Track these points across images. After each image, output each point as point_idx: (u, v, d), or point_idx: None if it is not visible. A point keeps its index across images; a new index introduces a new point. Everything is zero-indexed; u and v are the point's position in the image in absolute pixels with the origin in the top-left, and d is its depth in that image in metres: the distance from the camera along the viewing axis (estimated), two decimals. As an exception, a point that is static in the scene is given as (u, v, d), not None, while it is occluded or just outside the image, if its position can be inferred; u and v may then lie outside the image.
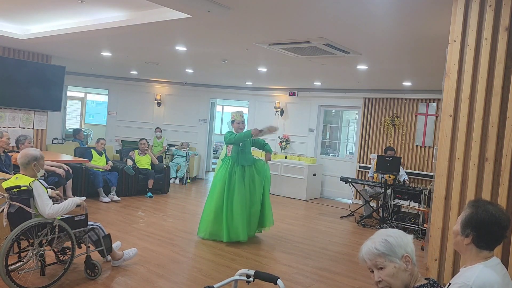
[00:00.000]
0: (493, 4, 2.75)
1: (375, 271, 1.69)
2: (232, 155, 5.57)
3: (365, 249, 1.70)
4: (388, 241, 1.67)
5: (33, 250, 3.46)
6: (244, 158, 5.52)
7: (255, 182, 5.52)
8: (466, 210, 1.84)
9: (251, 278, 1.99)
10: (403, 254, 1.66)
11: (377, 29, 4.23)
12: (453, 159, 2.89)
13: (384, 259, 1.66)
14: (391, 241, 1.67)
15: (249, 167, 5.55)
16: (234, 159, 5.52)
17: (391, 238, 1.67)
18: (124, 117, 11.11)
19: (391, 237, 1.68)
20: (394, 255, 1.65)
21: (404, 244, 1.67)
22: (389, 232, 1.71)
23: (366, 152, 9.20)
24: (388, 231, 1.71)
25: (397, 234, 1.69)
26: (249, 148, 5.64)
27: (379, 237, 1.70)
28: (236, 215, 5.32)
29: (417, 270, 1.69)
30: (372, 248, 1.68)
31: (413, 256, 1.67)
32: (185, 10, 3.98)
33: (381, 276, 1.67)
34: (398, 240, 1.67)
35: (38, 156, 3.59)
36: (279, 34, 4.76)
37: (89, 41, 6.12)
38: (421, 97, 8.45)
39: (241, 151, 5.52)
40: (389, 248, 1.66)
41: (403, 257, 1.65)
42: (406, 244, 1.67)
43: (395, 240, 1.67)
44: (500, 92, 2.71)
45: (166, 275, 4.14)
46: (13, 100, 7.36)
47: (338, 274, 4.58)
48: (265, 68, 7.48)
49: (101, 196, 7.36)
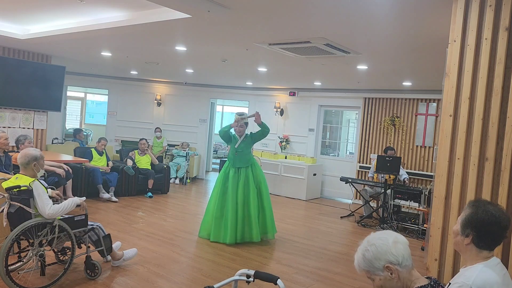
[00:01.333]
0: (493, 4, 2.75)
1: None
2: (229, 156, 5.62)
3: (355, 263, 1.73)
4: (366, 257, 1.67)
5: (33, 250, 3.46)
6: (239, 160, 5.48)
7: (249, 184, 5.42)
8: (466, 210, 1.84)
9: (251, 278, 1.99)
10: (383, 265, 1.64)
11: (377, 29, 4.23)
12: (453, 159, 2.89)
13: (368, 273, 1.69)
14: (368, 256, 1.66)
15: (245, 169, 5.47)
16: (229, 160, 5.55)
17: (368, 253, 1.66)
18: (124, 117, 11.11)
19: (368, 251, 1.66)
20: (374, 269, 1.67)
21: (383, 254, 1.64)
22: (369, 243, 1.68)
23: (366, 152, 9.20)
24: (369, 241, 1.68)
25: (376, 245, 1.65)
26: (247, 149, 5.57)
27: (360, 252, 1.70)
28: (226, 217, 5.33)
29: (407, 272, 1.65)
30: (356, 265, 1.72)
31: (398, 261, 1.63)
32: (185, 10, 3.99)
33: (374, 286, 1.71)
34: (375, 253, 1.65)
35: (38, 156, 3.59)
36: (279, 34, 4.76)
37: (89, 41, 6.12)
38: (421, 97, 8.45)
39: (238, 152, 5.49)
40: (368, 263, 1.67)
41: (384, 268, 1.64)
42: (386, 253, 1.64)
43: (372, 254, 1.65)
44: (500, 92, 2.71)
45: (166, 275, 4.14)
46: (13, 100, 7.36)
47: (338, 274, 4.58)
48: (265, 68, 7.48)
49: (100, 192, 7.37)
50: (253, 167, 5.54)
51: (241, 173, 5.44)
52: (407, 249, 1.66)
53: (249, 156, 5.58)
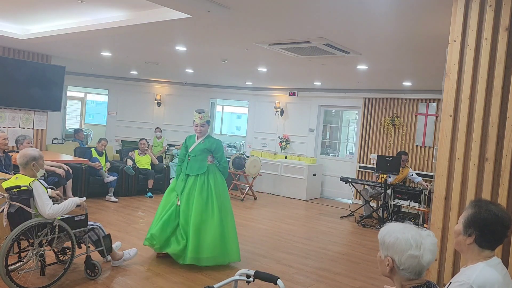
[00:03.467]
0: (493, 4, 2.75)
1: None
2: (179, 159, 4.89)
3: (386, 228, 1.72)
4: (385, 236, 1.68)
5: (33, 250, 3.46)
6: (190, 166, 4.60)
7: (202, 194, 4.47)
8: (468, 210, 1.84)
9: (251, 278, 1.99)
10: (386, 255, 1.66)
11: (377, 29, 4.23)
12: (453, 159, 2.89)
13: (380, 245, 1.71)
14: (386, 238, 1.67)
15: (195, 177, 4.55)
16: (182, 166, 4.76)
17: (388, 235, 1.66)
18: (124, 117, 11.11)
19: (390, 235, 1.66)
20: (381, 248, 1.70)
21: (392, 249, 1.64)
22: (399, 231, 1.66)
23: (366, 152, 9.20)
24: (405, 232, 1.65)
25: (396, 238, 1.65)
26: (201, 155, 4.58)
27: (390, 227, 1.69)
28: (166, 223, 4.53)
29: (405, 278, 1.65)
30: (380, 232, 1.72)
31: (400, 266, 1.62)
32: (185, 10, 3.98)
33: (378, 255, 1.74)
34: (389, 242, 1.65)
35: (37, 156, 3.59)
36: (279, 34, 4.76)
37: (89, 41, 6.12)
38: (421, 97, 8.45)
39: (191, 157, 4.62)
40: (383, 240, 1.68)
41: (386, 257, 1.66)
42: (395, 252, 1.63)
43: (388, 240, 1.66)
44: (500, 92, 2.71)
45: (166, 275, 4.14)
46: (13, 100, 7.36)
47: (338, 274, 4.58)
48: (265, 68, 7.48)
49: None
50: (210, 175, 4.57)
51: (189, 181, 4.56)
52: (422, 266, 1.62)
53: (203, 163, 4.57)
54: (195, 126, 4.61)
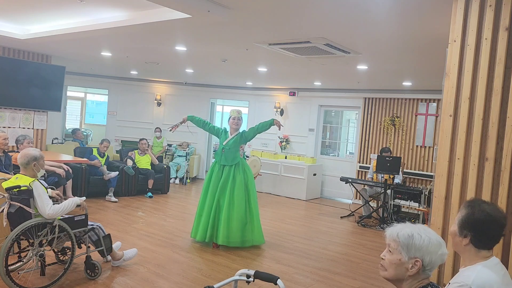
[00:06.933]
0: (493, 4, 2.75)
1: (386, 248, 1.67)
2: (216, 152, 5.49)
3: (393, 229, 1.66)
4: (413, 237, 1.59)
5: (33, 250, 3.46)
6: (225, 157, 5.26)
7: (236, 183, 5.20)
8: (462, 211, 1.83)
9: (251, 278, 1.99)
10: (415, 257, 1.58)
11: (377, 29, 4.23)
12: (453, 159, 2.89)
13: (397, 246, 1.61)
14: (415, 239, 1.59)
15: (230, 167, 5.25)
16: (216, 157, 5.42)
17: (418, 236, 1.59)
18: (124, 117, 11.11)
19: (420, 237, 1.59)
20: (406, 250, 1.60)
21: (425, 250, 1.58)
22: (426, 232, 1.62)
23: (366, 152, 9.20)
24: (427, 231, 1.62)
25: (431, 239, 1.59)
26: (235, 147, 5.30)
27: (409, 228, 1.63)
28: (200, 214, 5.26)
29: (422, 275, 1.62)
30: (395, 232, 1.64)
31: (428, 267, 1.59)
32: (185, 10, 3.98)
33: (385, 257, 1.65)
34: (421, 243, 1.58)
35: (38, 156, 3.59)
36: (279, 34, 4.76)
37: (89, 41, 6.12)
38: (421, 97, 8.45)
39: (225, 149, 5.28)
40: (408, 242, 1.60)
41: (413, 259, 1.59)
42: (429, 253, 1.58)
43: (419, 241, 1.59)
44: (500, 92, 2.71)
45: (166, 275, 4.14)
46: (13, 100, 7.36)
47: (338, 274, 4.58)
48: (265, 68, 7.48)
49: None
50: (241, 167, 5.29)
51: (224, 171, 5.24)
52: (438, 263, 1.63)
53: (236, 154, 5.30)
54: (232, 119, 5.41)
